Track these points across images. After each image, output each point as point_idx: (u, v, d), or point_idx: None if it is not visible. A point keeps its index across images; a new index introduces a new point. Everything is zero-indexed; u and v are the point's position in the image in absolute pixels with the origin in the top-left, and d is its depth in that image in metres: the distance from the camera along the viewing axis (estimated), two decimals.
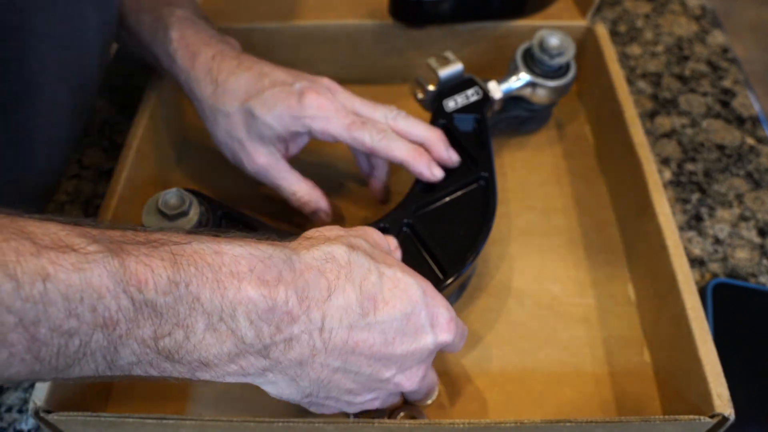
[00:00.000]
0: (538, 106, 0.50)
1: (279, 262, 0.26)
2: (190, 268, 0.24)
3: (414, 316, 0.29)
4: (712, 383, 0.32)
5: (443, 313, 0.31)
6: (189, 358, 0.25)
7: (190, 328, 0.24)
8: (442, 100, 0.46)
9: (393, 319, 0.28)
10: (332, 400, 0.30)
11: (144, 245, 0.24)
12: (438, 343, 0.30)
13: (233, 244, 0.26)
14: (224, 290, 0.24)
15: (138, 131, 0.45)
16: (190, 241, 0.25)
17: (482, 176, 0.42)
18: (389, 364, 0.29)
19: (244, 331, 0.25)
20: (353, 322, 0.27)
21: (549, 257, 0.45)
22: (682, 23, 0.64)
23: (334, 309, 0.27)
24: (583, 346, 0.40)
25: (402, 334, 0.29)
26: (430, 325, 0.30)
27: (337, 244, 0.28)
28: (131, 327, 0.23)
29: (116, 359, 0.24)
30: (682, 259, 0.37)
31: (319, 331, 0.27)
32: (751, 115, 0.56)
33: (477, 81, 0.47)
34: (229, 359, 0.25)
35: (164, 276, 0.23)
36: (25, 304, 0.21)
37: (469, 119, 0.46)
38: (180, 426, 0.32)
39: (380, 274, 0.28)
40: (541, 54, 0.48)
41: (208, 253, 0.25)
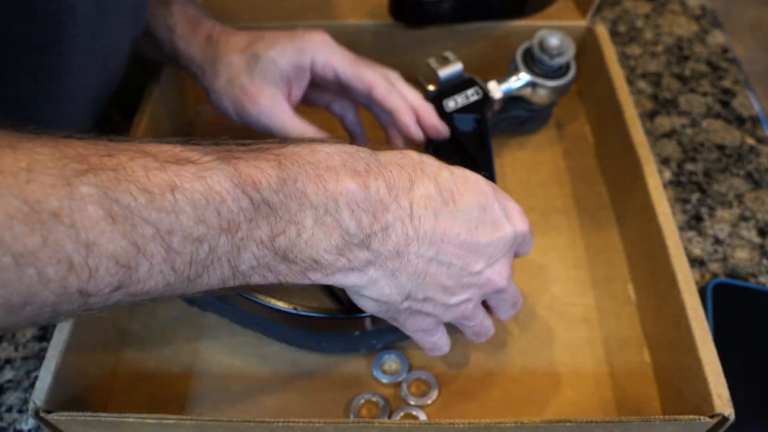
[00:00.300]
0: (538, 106, 0.50)
1: (366, 156, 0.28)
2: (293, 166, 0.26)
3: (489, 208, 0.30)
4: (712, 383, 0.32)
5: (514, 206, 0.32)
6: (302, 256, 0.26)
7: (301, 224, 0.26)
8: (442, 100, 0.46)
9: (471, 208, 0.30)
10: (430, 304, 0.31)
11: (250, 152, 0.26)
12: (517, 233, 0.31)
13: (323, 144, 0.27)
14: (326, 183, 0.26)
15: (138, 131, 0.45)
16: (287, 143, 0.27)
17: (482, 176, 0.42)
18: (477, 255, 0.30)
19: (347, 221, 0.26)
20: (437, 209, 0.29)
21: (549, 257, 0.45)
22: (682, 23, 0.64)
23: (419, 197, 0.28)
24: (583, 346, 0.40)
25: (482, 224, 0.30)
26: (506, 217, 0.31)
27: (408, 149, 0.30)
28: (251, 228, 0.25)
29: (239, 263, 0.25)
30: (682, 259, 0.37)
31: (410, 218, 0.28)
32: (751, 115, 0.56)
33: (477, 81, 0.47)
34: (337, 252, 0.27)
35: (274, 175, 0.25)
36: (160, 214, 0.23)
37: (469, 119, 0.46)
38: (180, 426, 0.32)
39: (451, 172, 0.30)
40: (541, 54, 0.48)
41: (306, 152, 0.26)
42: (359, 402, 0.38)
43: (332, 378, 0.39)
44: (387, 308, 0.30)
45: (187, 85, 0.56)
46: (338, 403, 0.38)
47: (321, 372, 0.39)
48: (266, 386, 0.39)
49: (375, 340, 0.40)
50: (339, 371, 0.39)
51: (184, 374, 0.39)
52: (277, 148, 0.26)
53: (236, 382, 0.39)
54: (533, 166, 0.51)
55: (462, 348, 0.40)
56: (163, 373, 0.39)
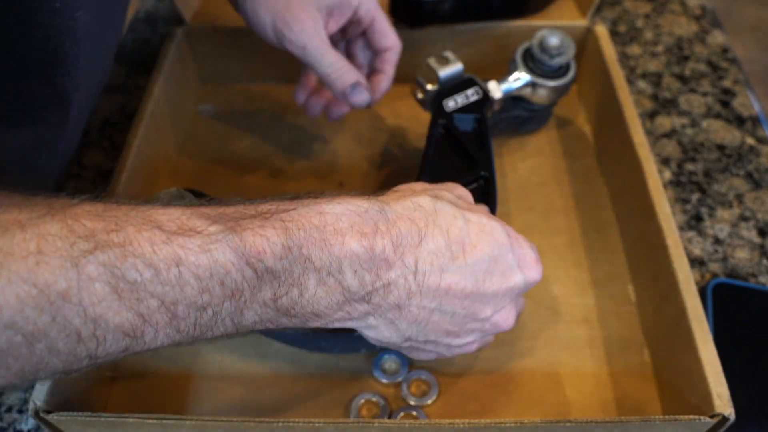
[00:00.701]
0: (538, 106, 0.50)
1: (374, 215, 0.28)
2: (299, 232, 0.26)
3: (501, 258, 0.30)
4: (712, 383, 0.32)
5: (530, 254, 0.32)
6: (303, 311, 0.27)
7: (304, 285, 0.26)
8: (442, 100, 0.46)
9: (481, 260, 0.30)
10: (431, 344, 0.32)
11: (257, 218, 0.26)
12: (527, 282, 0.32)
13: (332, 203, 0.28)
14: (331, 247, 0.26)
15: (138, 131, 0.45)
16: (296, 206, 0.27)
17: (482, 176, 0.42)
18: (483, 305, 0.31)
19: (349, 281, 0.27)
20: (444, 265, 0.29)
21: (549, 257, 0.45)
22: (682, 23, 0.64)
23: (426, 253, 0.28)
24: (583, 346, 0.40)
25: (491, 274, 0.30)
26: (518, 266, 0.31)
27: (422, 195, 0.30)
28: (254, 293, 0.26)
29: (242, 321, 0.26)
30: (682, 259, 0.37)
31: (414, 274, 0.28)
32: (751, 115, 0.56)
33: (477, 81, 0.47)
34: (337, 308, 0.28)
35: (279, 243, 0.26)
36: (165, 288, 0.23)
37: (469, 119, 0.46)
38: (180, 426, 0.32)
39: (466, 220, 0.30)
40: (541, 54, 0.48)
41: (313, 215, 0.27)
42: (359, 402, 0.38)
43: (332, 378, 0.39)
44: (388, 344, 0.31)
45: (188, 85, 0.56)
46: (338, 404, 0.38)
47: (321, 372, 0.39)
48: (266, 386, 0.39)
49: None
50: (339, 371, 0.39)
51: (184, 374, 0.39)
52: (286, 212, 0.27)
53: (236, 382, 0.39)
54: (533, 166, 0.51)
55: None
56: (163, 373, 0.39)
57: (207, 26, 0.54)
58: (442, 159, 0.44)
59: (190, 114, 0.56)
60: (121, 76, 0.61)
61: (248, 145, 0.53)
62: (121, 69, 0.62)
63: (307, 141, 0.53)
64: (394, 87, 0.58)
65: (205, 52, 0.56)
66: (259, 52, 0.56)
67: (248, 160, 0.52)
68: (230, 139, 0.54)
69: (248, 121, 0.55)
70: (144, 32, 0.66)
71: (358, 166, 0.51)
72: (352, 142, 0.53)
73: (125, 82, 0.61)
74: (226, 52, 0.56)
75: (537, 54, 0.48)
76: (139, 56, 0.63)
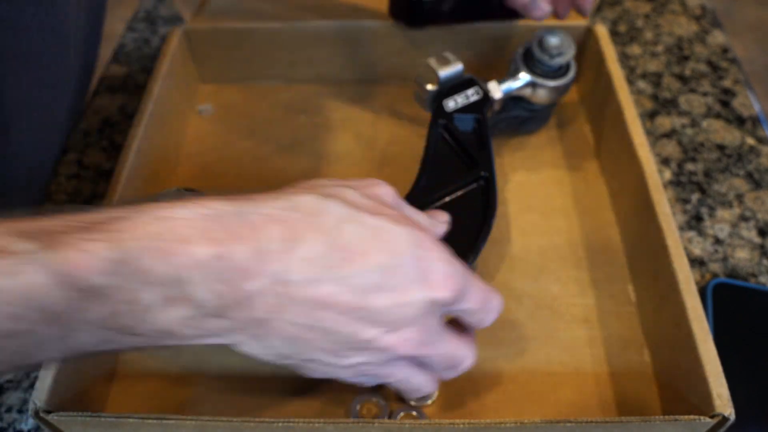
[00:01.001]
0: (538, 106, 0.50)
1: (230, 218, 0.25)
2: (132, 242, 0.23)
3: (398, 269, 0.26)
4: (712, 383, 0.32)
5: (440, 268, 0.27)
6: (150, 330, 0.24)
7: (145, 302, 0.23)
8: (442, 100, 0.46)
9: (369, 271, 0.26)
10: (315, 363, 0.28)
11: (84, 230, 0.23)
12: (432, 299, 0.27)
13: (179, 206, 0.25)
14: (172, 257, 0.23)
15: (138, 131, 0.45)
16: (130, 213, 0.24)
17: (482, 176, 0.42)
18: (369, 322, 0.26)
19: (199, 295, 0.24)
20: (320, 274, 0.25)
21: (549, 257, 0.45)
22: (682, 23, 0.64)
23: (299, 261, 0.25)
24: (583, 347, 0.40)
25: (381, 288, 0.26)
26: (420, 280, 0.26)
27: (306, 193, 0.26)
28: (81, 314, 0.23)
29: (75, 345, 0.24)
30: (682, 259, 0.37)
31: (282, 284, 0.25)
32: (751, 115, 0.56)
33: (477, 81, 0.47)
34: (190, 324, 0.25)
35: (106, 257, 0.22)
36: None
37: (469, 119, 0.46)
38: (180, 426, 0.32)
39: (359, 224, 0.26)
40: (541, 54, 0.48)
41: (150, 221, 0.24)
42: (359, 402, 0.38)
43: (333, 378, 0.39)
44: (269, 362, 0.28)
45: (188, 85, 0.56)
46: (338, 404, 0.38)
47: None
48: (266, 386, 0.39)
49: None
50: None
51: (184, 374, 0.39)
52: (119, 220, 0.24)
53: (236, 382, 0.39)
54: (533, 166, 0.51)
55: None
56: (163, 373, 0.39)
57: (207, 26, 0.54)
58: (441, 159, 0.44)
59: (190, 114, 0.56)
60: (121, 76, 0.61)
61: (248, 145, 0.53)
62: (121, 69, 0.62)
63: (307, 141, 0.53)
64: (394, 87, 0.58)
65: (205, 52, 0.56)
66: (259, 52, 0.56)
67: (248, 160, 0.52)
68: (230, 139, 0.54)
69: (248, 121, 0.55)
70: (144, 32, 0.66)
71: (358, 166, 0.51)
72: (352, 142, 0.53)
73: (125, 82, 0.61)
74: (226, 52, 0.56)
75: (537, 54, 0.48)
76: (139, 56, 0.63)
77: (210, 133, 0.55)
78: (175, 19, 0.67)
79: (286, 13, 0.55)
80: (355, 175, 0.51)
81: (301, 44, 0.55)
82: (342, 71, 0.57)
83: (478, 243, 0.39)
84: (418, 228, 0.28)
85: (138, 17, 0.68)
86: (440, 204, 0.42)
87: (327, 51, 0.56)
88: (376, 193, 0.30)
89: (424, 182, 0.42)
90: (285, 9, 0.56)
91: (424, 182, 0.42)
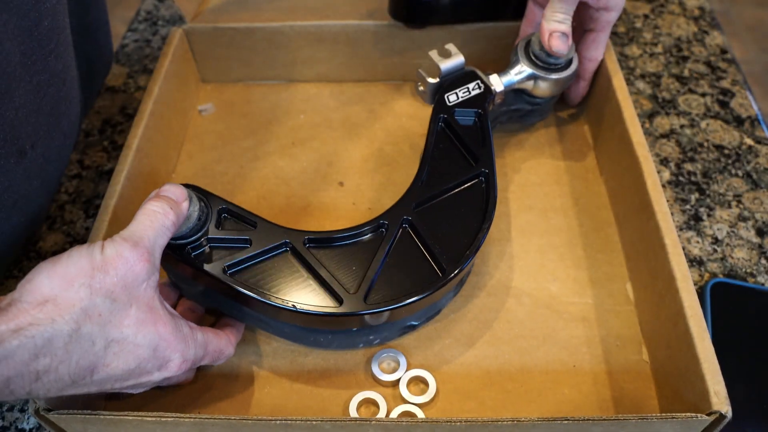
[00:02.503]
0: (539, 99, 0.50)
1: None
2: None
3: (139, 369, 0.31)
4: (709, 381, 0.32)
5: (175, 360, 0.32)
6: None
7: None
8: (443, 94, 0.46)
9: (113, 378, 0.30)
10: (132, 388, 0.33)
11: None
12: (163, 377, 0.32)
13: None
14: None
15: (138, 131, 0.45)
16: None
17: (483, 172, 0.42)
18: (146, 378, 0.32)
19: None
20: (63, 388, 0.29)
21: (548, 256, 0.45)
22: (680, 24, 0.65)
23: (43, 384, 0.28)
24: (581, 345, 0.40)
25: (123, 381, 0.31)
26: (157, 369, 0.32)
27: (59, 322, 0.28)
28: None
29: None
30: (680, 258, 0.37)
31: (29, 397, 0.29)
32: (750, 116, 0.56)
33: (478, 74, 0.47)
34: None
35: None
36: None
37: (470, 114, 0.46)
38: (178, 424, 0.32)
39: (106, 344, 0.29)
40: (543, 47, 0.47)
41: None
42: (358, 400, 0.38)
43: (330, 376, 0.39)
44: None
45: (188, 85, 0.56)
46: (336, 402, 0.38)
47: (319, 370, 0.39)
48: (264, 384, 0.39)
49: (373, 335, 0.40)
50: (337, 369, 0.39)
51: None
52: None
53: (234, 380, 0.39)
54: (533, 166, 0.51)
55: (460, 347, 0.40)
56: None
57: (208, 26, 0.55)
58: (442, 154, 0.44)
59: (190, 113, 0.56)
60: (121, 77, 0.61)
61: (248, 144, 0.53)
62: (121, 69, 0.62)
63: (307, 141, 0.54)
64: (394, 86, 0.58)
65: (206, 52, 0.56)
66: (259, 51, 0.56)
67: (248, 160, 0.52)
68: (230, 138, 0.54)
69: (248, 121, 0.55)
70: (144, 32, 0.66)
71: (357, 165, 0.52)
72: (352, 142, 0.53)
73: (126, 83, 0.61)
74: (226, 51, 0.56)
75: (538, 47, 0.47)
76: (140, 57, 0.63)
77: (210, 132, 0.55)
78: (175, 20, 0.67)
79: (286, 14, 0.55)
80: (355, 174, 0.51)
81: (301, 44, 0.56)
82: (342, 71, 0.58)
83: (477, 240, 0.40)
84: (163, 324, 0.31)
85: (138, 17, 0.68)
86: (440, 200, 0.42)
87: (327, 51, 0.56)
88: (127, 282, 0.30)
89: (424, 177, 0.42)
90: (285, 9, 0.56)
91: (425, 177, 0.42)
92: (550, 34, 0.45)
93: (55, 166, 0.41)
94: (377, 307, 0.36)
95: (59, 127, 0.40)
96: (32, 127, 0.36)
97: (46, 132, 0.38)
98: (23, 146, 0.36)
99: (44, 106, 0.37)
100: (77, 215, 0.50)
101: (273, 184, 0.50)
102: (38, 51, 0.36)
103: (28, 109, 0.36)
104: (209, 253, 0.37)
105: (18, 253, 0.46)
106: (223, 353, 0.36)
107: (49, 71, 0.37)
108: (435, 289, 0.37)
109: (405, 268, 0.38)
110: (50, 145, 0.39)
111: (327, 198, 0.49)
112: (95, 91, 0.53)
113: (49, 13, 0.36)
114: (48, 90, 0.37)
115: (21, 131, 0.35)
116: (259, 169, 0.52)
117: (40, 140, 0.37)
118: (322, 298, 0.37)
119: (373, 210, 0.48)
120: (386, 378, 0.39)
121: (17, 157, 0.35)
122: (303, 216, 0.48)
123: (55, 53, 0.37)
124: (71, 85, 0.41)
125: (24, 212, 0.39)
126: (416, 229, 0.40)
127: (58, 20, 0.37)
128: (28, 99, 0.35)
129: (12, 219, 0.38)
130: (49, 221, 0.49)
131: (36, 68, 0.36)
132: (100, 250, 0.30)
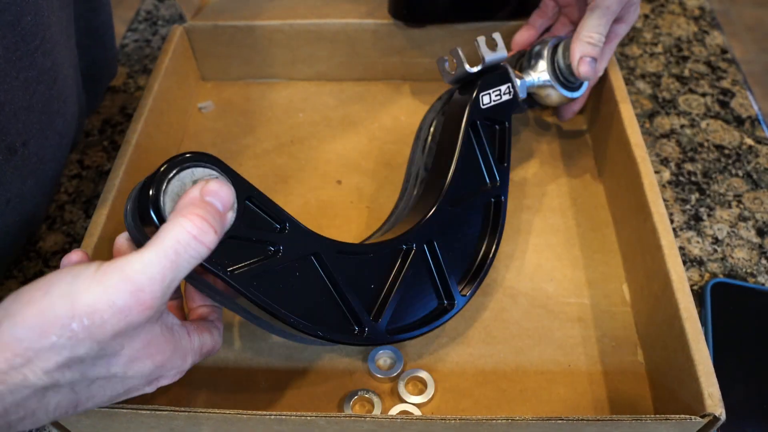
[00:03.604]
0: (538, 104, 0.50)
1: None
2: None
3: (127, 393, 0.29)
4: (703, 383, 0.32)
5: (169, 376, 0.30)
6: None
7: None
8: (479, 93, 0.44)
9: (98, 404, 0.28)
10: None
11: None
12: (155, 389, 0.31)
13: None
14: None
15: (137, 126, 0.46)
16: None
17: (497, 194, 0.42)
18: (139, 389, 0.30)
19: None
20: (42, 422, 0.26)
21: (545, 256, 0.45)
22: (681, 24, 0.64)
23: (16, 427, 0.25)
24: (577, 345, 0.40)
25: (110, 401, 0.29)
26: (148, 384, 0.30)
27: (31, 379, 0.24)
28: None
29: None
30: (676, 260, 0.37)
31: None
32: (750, 116, 0.55)
33: (511, 75, 0.45)
34: None
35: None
36: None
37: (495, 124, 0.45)
38: (173, 418, 0.32)
39: (90, 383, 0.27)
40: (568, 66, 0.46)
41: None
42: (353, 398, 0.38)
43: (327, 373, 0.39)
44: None
45: (188, 83, 0.56)
46: (332, 399, 0.38)
47: (315, 367, 0.40)
48: (260, 380, 0.39)
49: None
50: (333, 366, 0.40)
51: None
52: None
53: (230, 376, 0.39)
54: (530, 165, 0.51)
55: (458, 346, 0.40)
56: None
57: (208, 24, 0.55)
58: (466, 166, 0.42)
59: (190, 111, 0.56)
60: (121, 77, 0.61)
61: (248, 143, 0.54)
62: (121, 69, 0.62)
63: (306, 139, 0.54)
64: (394, 86, 0.58)
65: (206, 50, 0.56)
66: (259, 50, 0.56)
67: (248, 158, 0.52)
68: (230, 136, 0.54)
69: (248, 119, 0.55)
70: (144, 32, 0.66)
71: (357, 164, 0.52)
72: (352, 141, 0.54)
73: (126, 83, 0.61)
74: (226, 49, 0.56)
75: (564, 60, 0.46)
76: (140, 56, 0.64)
77: (210, 129, 0.55)
78: (175, 20, 0.67)
79: (286, 12, 0.55)
80: (354, 173, 0.51)
81: (301, 42, 0.56)
82: (342, 70, 0.58)
83: (486, 266, 0.40)
84: (154, 354, 0.28)
85: (138, 17, 0.68)
86: (457, 220, 0.41)
87: (327, 49, 0.56)
88: (105, 332, 0.25)
89: (448, 193, 0.40)
90: (285, 7, 0.56)
91: (449, 193, 0.40)
92: (581, 58, 0.43)
93: (51, 165, 0.41)
94: (396, 334, 0.37)
95: (53, 126, 0.40)
96: (22, 124, 0.36)
97: (39, 130, 0.38)
98: (12, 143, 0.35)
99: (35, 103, 0.37)
100: (77, 215, 0.50)
101: (271, 182, 0.50)
102: (23, 47, 0.35)
103: (16, 106, 0.35)
104: (226, 251, 0.31)
105: (18, 253, 0.47)
106: (215, 349, 0.35)
107: (37, 68, 0.37)
108: (447, 319, 0.38)
109: (419, 294, 0.38)
110: (44, 144, 0.39)
111: (325, 196, 0.49)
112: (100, 93, 0.54)
113: (32, 8, 0.35)
114: (37, 87, 0.37)
115: (9, 128, 0.35)
116: (258, 167, 0.52)
117: (33, 138, 0.37)
118: (342, 318, 0.36)
119: (371, 209, 0.48)
120: (383, 375, 0.39)
121: (6, 154, 0.35)
122: (301, 214, 0.48)
123: (42, 50, 0.37)
124: (64, 84, 0.40)
125: (19, 212, 0.39)
126: (435, 252, 0.39)
127: (42, 16, 0.37)
128: (15, 96, 0.35)
129: (6, 218, 0.38)
130: (49, 221, 0.50)
131: (22, 64, 0.35)
132: (87, 289, 0.24)
